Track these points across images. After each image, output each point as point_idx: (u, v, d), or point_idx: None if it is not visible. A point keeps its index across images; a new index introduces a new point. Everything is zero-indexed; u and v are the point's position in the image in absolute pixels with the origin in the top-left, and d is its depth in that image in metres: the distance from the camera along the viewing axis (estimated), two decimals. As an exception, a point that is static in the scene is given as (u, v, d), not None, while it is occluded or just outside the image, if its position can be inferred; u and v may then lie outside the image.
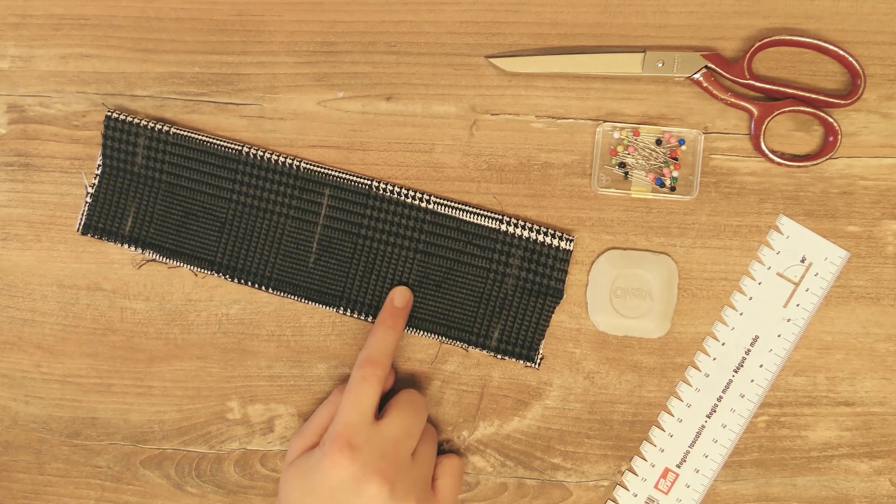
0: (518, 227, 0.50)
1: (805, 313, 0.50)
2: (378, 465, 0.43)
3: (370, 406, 0.45)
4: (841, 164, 0.50)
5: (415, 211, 0.50)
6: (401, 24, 0.51)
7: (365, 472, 0.42)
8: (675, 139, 0.50)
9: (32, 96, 0.52)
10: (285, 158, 0.50)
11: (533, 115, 0.51)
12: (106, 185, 0.51)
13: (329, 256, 0.50)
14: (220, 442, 0.52)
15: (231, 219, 0.51)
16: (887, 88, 0.50)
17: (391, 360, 0.48)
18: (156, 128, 0.51)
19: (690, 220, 0.50)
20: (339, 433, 0.43)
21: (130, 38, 0.52)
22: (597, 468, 0.51)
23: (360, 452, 0.43)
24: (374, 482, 0.42)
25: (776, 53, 0.50)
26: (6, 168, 0.52)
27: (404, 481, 0.44)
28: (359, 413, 0.44)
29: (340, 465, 0.42)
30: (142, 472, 0.52)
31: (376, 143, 0.51)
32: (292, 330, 0.52)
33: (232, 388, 0.52)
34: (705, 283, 0.50)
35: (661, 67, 0.49)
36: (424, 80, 0.51)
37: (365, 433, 0.44)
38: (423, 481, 0.46)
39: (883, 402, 0.50)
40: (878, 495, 0.50)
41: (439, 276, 0.50)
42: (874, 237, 0.50)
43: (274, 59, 0.51)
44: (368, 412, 0.45)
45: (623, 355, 0.51)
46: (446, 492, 0.47)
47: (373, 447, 0.43)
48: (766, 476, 0.51)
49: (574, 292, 0.51)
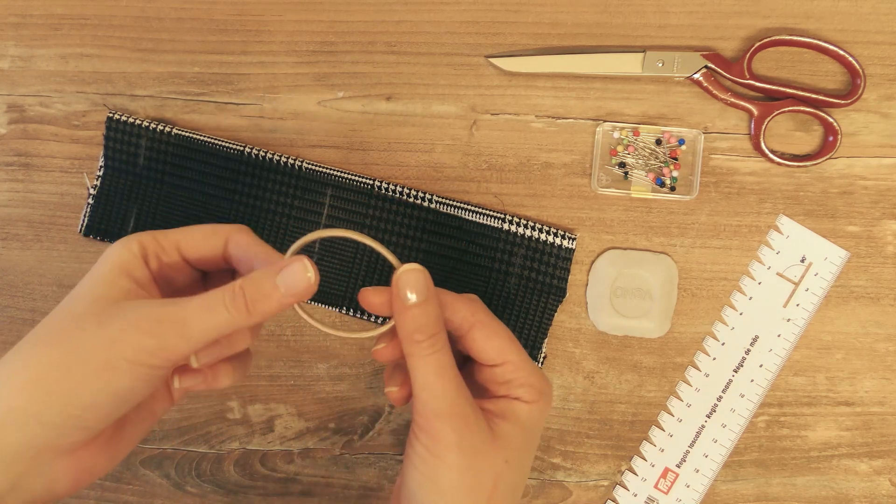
0: (520, 225, 0.50)
1: (805, 313, 0.50)
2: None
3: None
4: (841, 164, 0.50)
5: (417, 210, 0.50)
6: (401, 24, 0.51)
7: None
8: (675, 139, 0.50)
9: (32, 96, 0.52)
10: (287, 159, 0.50)
11: (533, 114, 0.51)
12: (108, 186, 0.51)
13: (331, 256, 0.51)
14: (220, 442, 0.52)
15: (233, 219, 0.51)
16: (887, 88, 0.50)
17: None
18: (157, 128, 0.51)
19: (690, 220, 0.50)
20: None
21: (130, 38, 0.52)
22: (597, 468, 0.51)
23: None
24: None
25: (776, 53, 0.50)
26: (6, 168, 0.52)
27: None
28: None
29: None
30: (142, 472, 0.52)
31: (376, 143, 0.51)
32: (292, 330, 0.52)
33: (232, 388, 0.52)
34: (705, 283, 0.50)
35: (661, 67, 0.49)
36: (424, 80, 0.51)
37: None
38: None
39: (883, 402, 0.50)
40: (877, 495, 0.50)
41: (442, 276, 0.50)
42: (874, 237, 0.50)
43: (274, 59, 0.51)
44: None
45: (623, 355, 0.51)
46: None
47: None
48: (765, 476, 0.51)
49: (574, 292, 0.51)
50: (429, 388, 0.36)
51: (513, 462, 0.37)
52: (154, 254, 0.38)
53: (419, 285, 0.36)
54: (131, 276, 0.36)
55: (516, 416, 0.37)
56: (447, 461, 0.35)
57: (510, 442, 0.37)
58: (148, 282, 0.37)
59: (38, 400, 0.33)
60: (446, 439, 0.35)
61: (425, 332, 0.36)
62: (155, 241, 0.38)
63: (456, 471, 0.35)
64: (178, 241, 0.38)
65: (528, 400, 0.38)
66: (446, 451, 0.35)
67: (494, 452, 0.36)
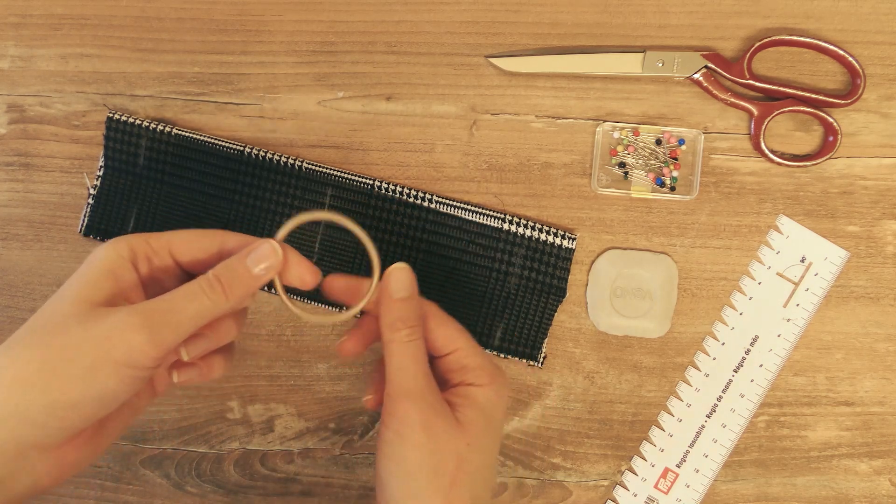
0: (521, 225, 0.50)
1: (805, 313, 0.50)
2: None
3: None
4: (841, 164, 0.50)
5: (417, 210, 0.50)
6: (401, 24, 0.51)
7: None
8: (675, 139, 0.50)
9: (32, 96, 0.52)
10: (287, 159, 0.50)
11: (533, 115, 0.51)
12: (108, 186, 0.51)
13: (331, 257, 0.51)
14: (220, 442, 0.52)
15: (233, 219, 0.51)
16: (887, 88, 0.50)
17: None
18: (157, 129, 0.51)
19: (690, 220, 0.50)
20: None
21: (130, 38, 0.52)
22: (597, 468, 0.51)
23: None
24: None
25: (776, 53, 0.50)
26: (6, 168, 0.52)
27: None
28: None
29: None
30: (142, 472, 0.52)
31: (376, 143, 0.51)
32: (292, 330, 0.52)
33: (232, 388, 0.52)
34: (705, 283, 0.50)
35: (661, 67, 0.49)
36: (424, 80, 0.51)
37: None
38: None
39: (883, 402, 0.50)
40: (877, 495, 0.50)
41: (442, 276, 0.50)
42: (874, 237, 0.50)
43: (274, 59, 0.51)
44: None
45: (623, 355, 0.51)
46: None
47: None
48: (765, 476, 0.51)
49: (574, 292, 0.51)
50: (403, 369, 0.38)
51: (475, 445, 0.39)
52: (144, 256, 0.38)
53: (407, 282, 0.40)
54: (117, 279, 0.37)
55: (474, 400, 0.39)
56: (412, 441, 0.37)
57: (471, 426, 0.39)
58: (133, 285, 0.38)
59: (23, 399, 0.34)
60: (412, 419, 0.37)
61: (407, 322, 0.39)
62: (146, 243, 0.38)
63: (420, 451, 0.37)
64: (170, 244, 0.38)
65: (481, 383, 0.40)
66: (411, 432, 0.37)
67: (457, 436, 0.38)
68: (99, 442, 0.38)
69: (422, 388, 0.38)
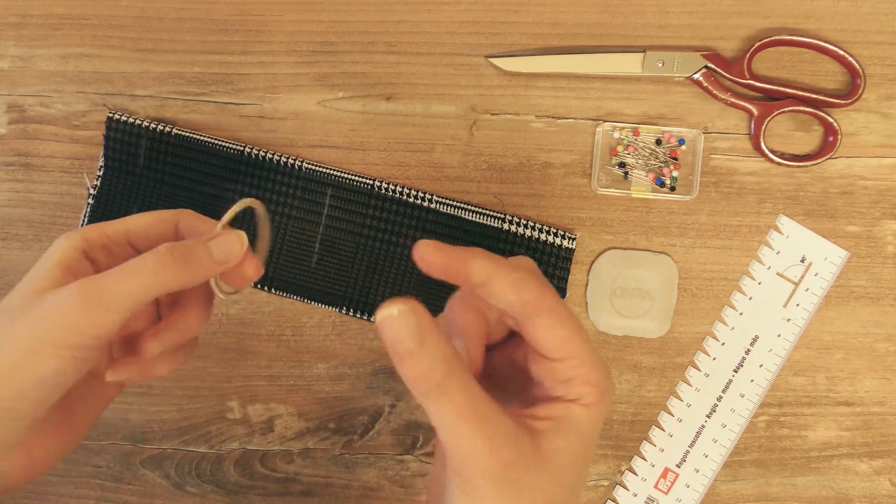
0: (520, 225, 0.50)
1: (805, 313, 0.50)
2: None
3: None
4: (841, 164, 0.50)
5: (417, 210, 0.50)
6: (401, 24, 0.51)
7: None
8: (675, 139, 0.50)
9: (32, 96, 0.52)
10: (287, 159, 0.50)
11: (533, 115, 0.51)
12: (108, 186, 0.51)
13: (331, 256, 0.51)
14: (220, 442, 0.52)
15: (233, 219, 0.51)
16: (887, 88, 0.50)
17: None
18: (157, 129, 0.51)
19: (690, 220, 0.50)
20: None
21: (130, 38, 0.52)
22: (597, 468, 0.51)
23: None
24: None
25: (776, 53, 0.50)
26: (6, 168, 0.52)
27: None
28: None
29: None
30: (142, 472, 0.52)
31: (376, 143, 0.51)
32: (292, 330, 0.52)
33: (232, 388, 0.52)
34: (705, 283, 0.50)
35: (661, 67, 0.49)
36: (424, 80, 0.51)
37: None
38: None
39: (883, 402, 0.50)
40: (877, 495, 0.50)
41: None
42: (874, 237, 0.50)
43: (274, 59, 0.51)
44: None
45: (623, 355, 0.51)
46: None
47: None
48: (765, 476, 0.51)
49: (574, 292, 0.51)
50: (453, 434, 0.30)
51: (567, 481, 0.31)
52: (100, 245, 0.37)
53: (405, 332, 0.29)
54: (70, 270, 0.36)
55: (572, 424, 0.32)
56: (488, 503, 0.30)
57: (563, 459, 0.31)
58: (85, 273, 0.36)
59: None
60: (483, 485, 0.30)
61: (427, 381, 0.29)
62: (101, 232, 0.37)
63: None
64: (127, 230, 0.38)
65: (588, 403, 0.32)
66: (484, 496, 0.30)
67: (546, 479, 0.31)
68: (67, 435, 0.37)
69: (483, 449, 0.29)
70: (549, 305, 0.32)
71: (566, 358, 0.32)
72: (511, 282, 0.31)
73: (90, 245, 0.37)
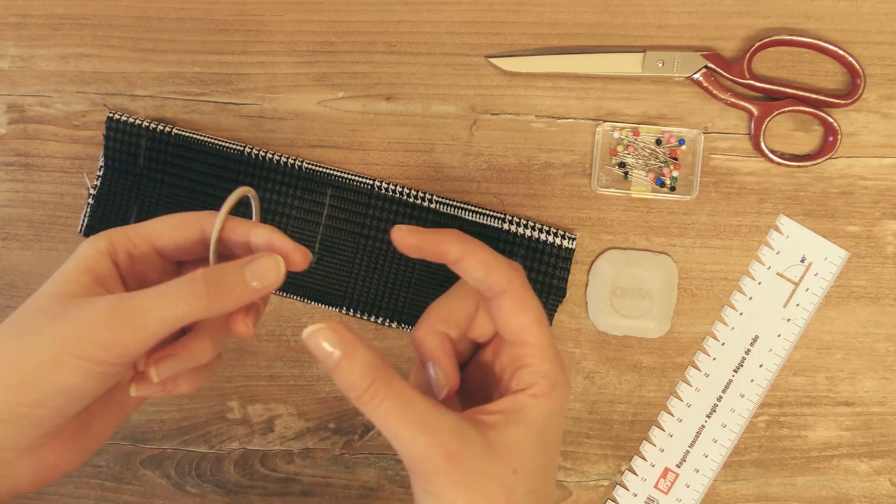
0: (520, 225, 0.50)
1: (805, 313, 0.50)
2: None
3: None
4: (841, 164, 0.50)
5: (417, 210, 0.50)
6: (401, 24, 0.51)
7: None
8: (675, 139, 0.50)
9: (32, 96, 0.52)
10: (287, 159, 0.50)
11: (533, 114, 0.51)
12: (108, 186, 0.51)
13: (332, 256, 0.51)
14: (220, 442, 0.52)
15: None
16: (887, 88, 0.50)
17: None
18: (157, 128, 0.51)
19: (690, 220, 0.50)
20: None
21: (130, 38, 0.52)
22: (597, 468, 0.51)
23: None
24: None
25: (776, 53, 0.50)
26: (6, 168, 0.52)
27: None
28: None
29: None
30: (142, 472, 0.52)
31: (376, 143, 0.51)
32: (292, 330, 0.52)
33: (232, 388, 0.52)
34: (705, 283, 0.50)
35: (661, 67, 0.49)
36: (424, 80, 0.51)
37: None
38: None
39: (883, 402, 0.50)
40: (877, 495, 0.50)
41: (442, 276, 0.50)
42: (874, 237, 0.50)
43: (274, 59, 0.51)
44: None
45: (623, 355, 0.51)
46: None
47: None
48: (765, 476, 0.51)
49: (574, 292, 0.51)
50: (396, 436, 0.32)
51: (523, 470, 0.33)
52: (124, 249, 0.37)
53: (327, 345, 0.32)
54: (95, 274, 0.36)
55: (522, 415, 0.34)
56: (447, 499, 0.32)
57: (516, 449, 0.33)
58: (112, 279, 0.36)
59: None
60: (437, 479, 0.32)
61: (358, 388, 0.32)
62: (125, 236, 0.37)
63: (458, 500, 0.32)
64: (151, 234, 0.37)
65: (537, 393, 0.34)
66: (442, 490, 0.32)
67: (498, 467, 0.32)
68: (81, 445, 0.37)
69: (428, 444, 0.31)
70: (515, 290, 0.35)
71: (522, 343, 0.34)
72: (480, 260, 0.35)
73: (115, 249, 0.36)
